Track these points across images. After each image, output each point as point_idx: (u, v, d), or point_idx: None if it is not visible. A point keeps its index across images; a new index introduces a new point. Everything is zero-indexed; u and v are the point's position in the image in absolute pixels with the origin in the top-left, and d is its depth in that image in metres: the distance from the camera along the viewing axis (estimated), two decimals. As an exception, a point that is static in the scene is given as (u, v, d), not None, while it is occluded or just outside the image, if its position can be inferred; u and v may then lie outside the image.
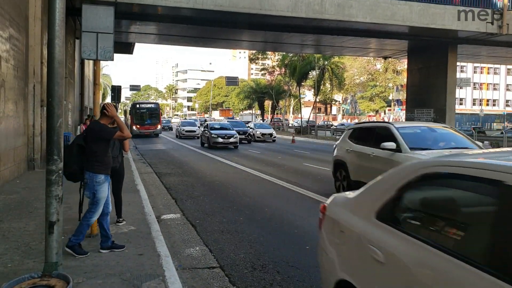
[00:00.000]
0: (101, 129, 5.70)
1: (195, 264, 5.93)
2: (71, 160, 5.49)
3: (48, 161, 3.56)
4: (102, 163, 5.75)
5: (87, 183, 5.69)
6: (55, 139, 3.51)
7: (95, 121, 5.91)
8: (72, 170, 5.54)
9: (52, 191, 3.57)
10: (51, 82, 3.50)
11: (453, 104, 28.37)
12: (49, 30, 3.44)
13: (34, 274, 3.36)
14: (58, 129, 3.54)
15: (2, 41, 10.87)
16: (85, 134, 5.75)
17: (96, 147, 5.68)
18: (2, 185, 10.87)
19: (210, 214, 9.06)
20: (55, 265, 3.50)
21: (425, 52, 29.21)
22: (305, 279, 5.40)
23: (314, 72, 49.83)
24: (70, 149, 5.53)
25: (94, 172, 5.70)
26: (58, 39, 3.39)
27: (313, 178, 14.46)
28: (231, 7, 20.06)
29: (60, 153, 3.57)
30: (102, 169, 5.75)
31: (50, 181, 3.55)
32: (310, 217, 8.76)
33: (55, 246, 3.59)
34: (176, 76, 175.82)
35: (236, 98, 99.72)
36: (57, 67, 3.44)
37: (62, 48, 3.49)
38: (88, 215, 5.73)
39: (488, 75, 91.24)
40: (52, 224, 3.57)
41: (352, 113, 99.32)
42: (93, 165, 5.69)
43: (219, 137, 27.68)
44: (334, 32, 25.24)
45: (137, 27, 26.16)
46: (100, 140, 5.73)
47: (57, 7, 3.36)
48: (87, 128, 5.83)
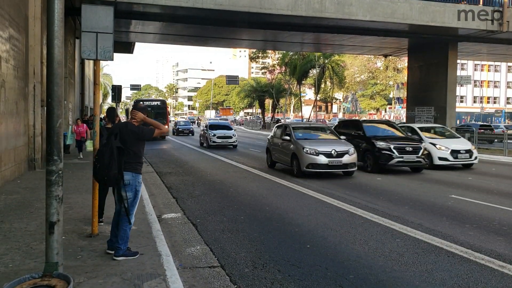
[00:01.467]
0: (142, 130, 5.74)
1: (196, 264, 5.93)
2: (112, 163, 5.39)
3: (48, 162, 3.55)
4: (141, 163, 5.87)
5: (129, 184, 5.63)
6: (55, 139, 3.50)
7: (127, 122, 5.83)
8: (113, 174, 5.40)
9: (52, 192, 3.57)
10: (51, 83, 3.49)
11: (453, 102, 28.31)
12: (48, 30, 3.43)
13: (35, 275, 3.36)
14: (58, 129, 3.53)
15: (2, 41, 10.88)
16: (120, 136, 5.62)
17: (137, 148, 5.74)
18: (3, 185, 10.89)
19: (210, 213, 9.06)
20: (55, 265, 3.50)
21: (425, 50, 29.16)
22: (306, 278, 5.40)
23: (315, 71, 49.77)
24: (111, 152, 5.38)
25: (137, 173, 5.74)
26: (58, 40, 3.38)
27: (313, 176, 14.45)
28: (231, 5, 20.03)
29: (60, 153, 3.57)
30: (141, 169, 5.85)
31: (51, 182, 3.54)
32: (310, 216, 8.77)
33: (56, 247, 3.59)
34: (177, 75, 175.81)
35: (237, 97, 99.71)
36: (56, 68, 3.44)
37: (61, 49, 3.48)
38: (128, 217, 5.66)
39: (488, 73, 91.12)
40: (53, 224, 3.57)
41: (352, 111, 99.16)
42: (135, 166, 5.72)
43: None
44: (334, 31, 25.22)
45: (137, 27, 26.13)
46: (141, 141, 5.81)
47: (56, 7, 3.36)
48: (123, 130, 5.64)
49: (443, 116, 27.66)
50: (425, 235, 7.32)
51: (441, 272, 5.60)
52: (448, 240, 7.03)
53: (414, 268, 5.76)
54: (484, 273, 5.58)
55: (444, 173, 15.59)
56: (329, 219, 8.51)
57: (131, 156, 5.64)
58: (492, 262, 5.98)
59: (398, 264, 5.93)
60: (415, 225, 7.97)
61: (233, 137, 27.87)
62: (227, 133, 28.05)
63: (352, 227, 7.87)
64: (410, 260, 6.08)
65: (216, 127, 29.18)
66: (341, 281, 5.32)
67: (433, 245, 6.75)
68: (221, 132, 27.93)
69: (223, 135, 27.71)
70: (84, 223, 7.34)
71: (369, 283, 5.26)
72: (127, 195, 5.63)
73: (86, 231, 6.83)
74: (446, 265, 5.86)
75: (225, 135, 27.73)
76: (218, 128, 28.96)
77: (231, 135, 27.98)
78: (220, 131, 28.11)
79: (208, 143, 27.64)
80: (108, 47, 6.42)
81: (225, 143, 27.55)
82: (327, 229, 7.77)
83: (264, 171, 15.55)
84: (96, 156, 5.59)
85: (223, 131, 28.20)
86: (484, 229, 7.82)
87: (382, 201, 10.29)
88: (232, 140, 27.76)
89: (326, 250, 6.55)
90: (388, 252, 6.42)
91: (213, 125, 30.00)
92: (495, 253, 6.39)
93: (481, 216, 8.82)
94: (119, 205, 5.80)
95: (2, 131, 10.93)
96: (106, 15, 6.42)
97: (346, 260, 6.09)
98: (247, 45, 43.35)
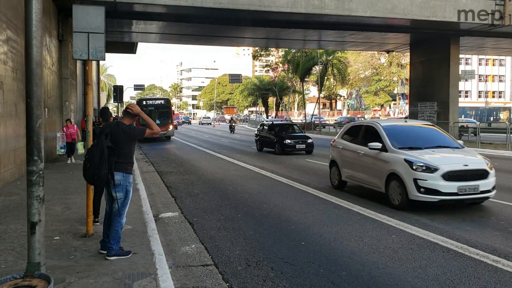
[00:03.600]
0: (133, 130, 5.72)
1: (190, 262, 5.93)
2: (103, 162, 5.39)
3: (28, 162, 3.55)
4: (132, 163, 5.85)
5: (120, 184, 5.63)
6: (35, 140, 3.50)
7: (118, 122, 5.82)
8: (103, 173, 5.42)
9: (33, 192, 3.57)
10: (29, 83, 3.49)
11: (456, 97, 28.19)
12: (26, 30, 3.44)
13: (16, 275, 3.37)
14: (38, 130, 3.53)
15: (0, 44, 10.92)
16: (111, 136, 5.61)
17: (128, 148, 5.72)
18: (3, 187, 10.94)
19: (208, 211, 9.07)
20: (37, 265, 3.51)
21: (427, 45, 29.05)
22: (299, 275, 5.39)
23: (318, 68, 49.67)
24: (102, 152, 5.38)
25: (127, 173, 5.74)
26: (35, 40, 3.39)
27: (314, 174, 14.44)
28: (231, 4, 20.02)
29: (40, 154, 3.57)
30: (131, 169, 5.84)
31: (31, 182, 3.54)
32: (307, 213, 8.75)
33: (38, 247, 3.59)
34: (181, 74, 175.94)
35: (240, 96, 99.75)
36: (35, 68, 3.44)
37: (39, 49, 3.49)
38: (119, 218, 5.66)
39: (493, 67, 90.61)
40: (34, 224, 3.57)
41: (357, 108, 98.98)
42: (126, 166, 5.71)
43: None
44: (335, 27, 25.16)
45: (138, 27, 26.20)
46: (132, 140, 5.81)
47: (34, 8, 3.36)
48: (114, 130, 5.63)
49: (446, 112, 27.57)
50: (421, 230, 7.29)
51: (435, 268, 5.57)
52: (444, 235, 7.00)
53: (407, 264, 5.73)
54: (478, 268, 5.55)
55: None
56: (325, 216, 8.49)
57: (122, 156, 5.63)
58: (486, 257, 5.95)
59: (392, 260, 5.91)
60: (412, 221, 7.93)
61: None
62: None
63: (348, 224, 7.85)
64: (404, 256, 6.06)
65: None
66: (333, 278, 5.31)
67: (428, 241, 6.72)
68: None
69: None
70: (80, 223, 7.36)
71: (361, 280, 5.25)
72: (118, 195, 5.64)
73: (82, 231, 6.85)
74: (440, 261, 5.84)
75: None
76: None
77: None
78: None
79: None
80: (100, 47, 6.43)
81: None
82: (323, 225, 7.76)
83: (265, 169, 15.52)
84: (86, 155, 5.59)
85: None
86: (481, 224, 7.78)
87: (380, 197, 10.24)
88: None
89: (320, 247, 6.53)
90: (383, 248, 6.40)
91: None
92: (490, 248, 6.35)
93: (479, 211, 8.77)
94: (109, 206, 5.81)
95: (1, 133, 10.98)
96: (97, 15, 6.43)
97: (340, 256, 6.08)
98: (250, 43, 43.32)
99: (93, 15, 6.42)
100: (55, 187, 11.15)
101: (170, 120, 34.24)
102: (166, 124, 33.26)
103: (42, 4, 3.49)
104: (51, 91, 17.57)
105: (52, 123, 17.48)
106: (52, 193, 10.23)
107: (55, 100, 18.67)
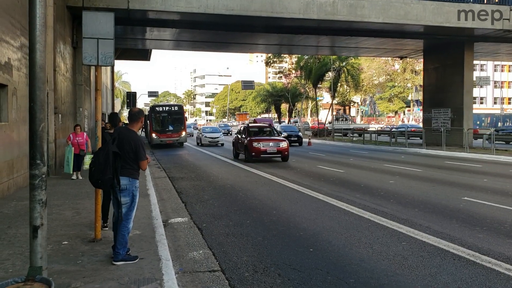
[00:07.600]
0: (139, 148, 5.74)
1: (197, 268, 5.90)
2: (108, 167, 5.44)
3: (31, 166, 3.56)
4: (138, 169, 5.86)
5: (126, 189, 5.66)
6: (38, 143, 3.52)
7: (130, 129, 5.86)
8: (107, 178, 5.46)
9: (35, 196, 3.58)
10: (33, 87, 3.52)
11: (470, 103, 27.88)
12: (30, 35, 3.46)
13: (18, 279, 3.37)
14: (41, 133, 3.55)
15: (14, 50, 11.08)
16: (118, 141, 5.64)
17: (134, 154, 5.73)
18: (15, 192, 11.05)
19: (217, 217, 9.04)
20: (39, 269, 3.50)
21: (440, 51, 28.83)
22: (306, 282, 5.33)
23: (331, 74, 49.56)
24: (107, 156, 5.44)
25: (134, 178, 5.77)
26: (39, 44, 3.41)
27: (325, 180, 14.34)
28: (242, 10, 20.12)
29: (43, 157, 3.58)
30: (138, 175, 5.87)
31: (34, 186, 3.55)
32: (317, 219, 8.68)
33: (40, 251, 3.59)
34: (194, 81, 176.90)
35: (253, 102, 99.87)
36: (38, 72, 3.46)
37: (43, 53, 3.51)
38: (125, 222, 5.68)
39: (509, 73, 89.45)
40: (36, 228, 3.57)
41: (371, 114, 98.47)
42: (132, 172, 5.75)
43: None
44: (347, 33, 25.15)
45: (152, 34, 26.44)
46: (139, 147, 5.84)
47: (38, 12, 3.38)
48: (122, 136, 5.68)
49: (460, 118, 27.28)
50: (432, 238, 7.18)
51: (445, 276, 5.47)
52: (455, 243, 6.88)
53: (417, 272, 5.64)
54: (490, 277, 5.43)
55: (458, 175, 15.32)
56: (335, 223, 8.41)
57: (128, 161, 5.65)
58: (499, 265, 5.83)
59: (401, 267, 5.82)
60: (423, 228, 7.82)
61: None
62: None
63: (358, 231, 7.76)
64: (414, 263, 5.96)
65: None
66: (341, 285, 5.24)
67: (439, 248, 6.61)
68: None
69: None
70: (89, 228, 7.38)
71: (369, 287, 5.17)
72: (124, 200, 5.65)
73: (90, 236, 6.87)
74: (451, 269, 5.73)
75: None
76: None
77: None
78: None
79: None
80: (109, 52, 6.48)
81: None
82: (332, 232, 7.68)
83: (276, 175, 15.47)
84: (92, 159, 5.63)
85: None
86: (494, 232, 7.63)
87: (391, 204, 10.14)
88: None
89: (329, 253, 6.46)
90: (393, 256, 6.30)
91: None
92: (503, 256, 6.22)
93: (492, 219, 8.62)
94: (117, 210, 5.82)
95: (14, 138, 11.11)
96: (106, 21, 6.49)
97: (348, 263, 6.00)
98: (263, 50, 43.45)
99: (102, 21, 6.48)
100: (67, 192, 11.23)
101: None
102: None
103: (45, 9, 3.51)
104: (65, 98, 17.74)
105: (66, 129, 17.63)
106: (64, 198, 10.31)
107: (69, 106, 18.85)
